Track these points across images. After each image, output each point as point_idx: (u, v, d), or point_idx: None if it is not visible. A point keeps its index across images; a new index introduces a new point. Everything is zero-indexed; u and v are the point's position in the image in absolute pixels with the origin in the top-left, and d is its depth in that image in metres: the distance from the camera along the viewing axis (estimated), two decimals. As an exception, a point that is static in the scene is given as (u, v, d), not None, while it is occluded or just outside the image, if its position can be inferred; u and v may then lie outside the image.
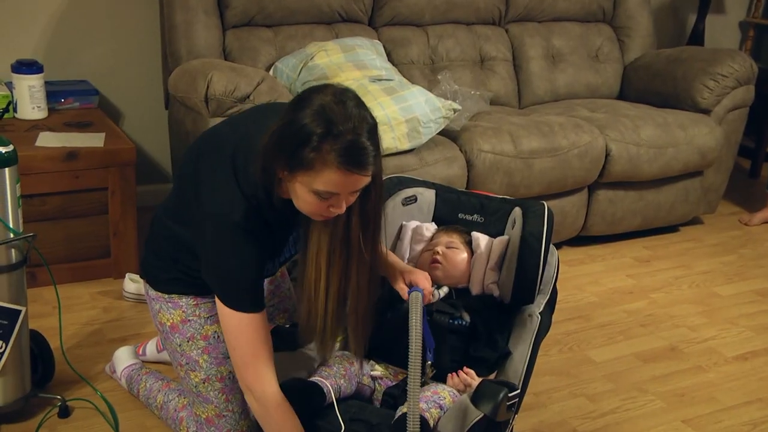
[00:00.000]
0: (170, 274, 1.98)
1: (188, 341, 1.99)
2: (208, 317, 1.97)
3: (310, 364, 1.91)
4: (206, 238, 1.74)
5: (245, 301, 1.75)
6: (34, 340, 2.33)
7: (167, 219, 1.94)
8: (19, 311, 2.13)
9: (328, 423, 1.74)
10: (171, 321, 2.01)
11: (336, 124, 1.55)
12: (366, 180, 1.63)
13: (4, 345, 2.12)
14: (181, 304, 1.99)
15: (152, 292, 2.04)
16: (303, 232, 1.78)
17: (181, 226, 1.87)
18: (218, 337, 1.96)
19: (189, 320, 1.98)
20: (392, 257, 2.01)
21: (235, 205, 1.70)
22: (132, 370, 2.41)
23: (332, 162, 1.56)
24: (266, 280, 2.19)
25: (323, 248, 1.74)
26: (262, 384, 1.76)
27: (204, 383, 2.00)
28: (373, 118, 1.63)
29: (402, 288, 1.91)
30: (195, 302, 1.97)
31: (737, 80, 3.83)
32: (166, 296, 2.00)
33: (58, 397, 2.33)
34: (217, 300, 1.78)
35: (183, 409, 2.16)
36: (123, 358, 2.47)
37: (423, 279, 1.92)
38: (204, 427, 2.04)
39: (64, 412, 2.32)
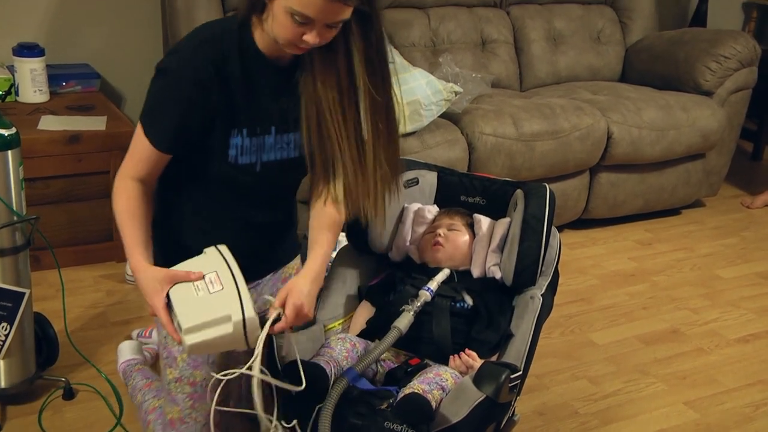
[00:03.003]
0: (161, 262, 1.92)
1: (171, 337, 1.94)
2: None
3: (313, 345, 1.91)
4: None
5: (151, 127, 1.70)
6: (38, 323, 2.34)
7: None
8: (23, 293, 2.14)
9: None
10: None
11: None
12: (345, 13, 1.54)
13: (8, 327, 2.13)
14: None
15: None
16: (306, 93, 1.69)
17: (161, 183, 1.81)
18: None
19: None
20: (316, 252, 1.78)
21: (192, 51, 1.66)
22: (127, 366, 2.39)
23: None
24: (276, 278, 2.04)
25: (331, 99, 1.66)
26: (119, 173, 1.74)
27: (176, 382, 1.91)
28: None
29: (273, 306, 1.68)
30: None
31: (740, 62, 3.82)
32: None
33: (63, 379, 2.34)
34: None
35: (153, 411, 2.09)
36: (124, 352, 2.45)
37: (291, 308, 1.65)
38: (168, 429, 1.95)
39: (69, 394, 2.33)
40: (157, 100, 1.69)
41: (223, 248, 1.69)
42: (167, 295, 1.61)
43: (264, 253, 1.95)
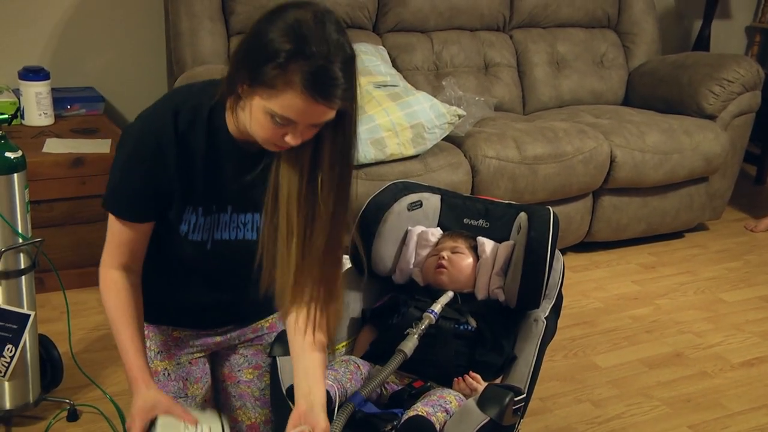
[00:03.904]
0: None
1: None
2: (158, 352, 1.86)
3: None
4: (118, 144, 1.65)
5: (116, 205, 1.65)
6: (42, 345, 2.34)
7: None
8: (28, 315, 2.14)
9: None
10: None
11: (309, 44, 1.38)
12: (329, 114, 1.45)
13: (13, 349, 2.13)
14: None
15: None
16: (271, 179, 1.58)
17: None
18: (169, 374, 1.85)
19: None
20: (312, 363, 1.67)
21: (158, 112, 1.60)
22: None
23: (296, 84, 1.38)
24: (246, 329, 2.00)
25: (293, 193, 1.54)
26: (102, 264, 1.70)
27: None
28: (352, 49, 1.45)
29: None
30: (146, 331, 1.85)
31: (743, 86, 3.84)
32: None
33: (67, 401, 2.34)
34: None
35: None
36: None
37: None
38: None
39: (73, 416, 2.33)
40: (117, 170, 1.63)
41: (224, 417, 1.72)
42: (155, 418, 1.60)
43: (232, 308, 1.89)
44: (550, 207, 2.09)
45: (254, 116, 1.48)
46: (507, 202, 2.25)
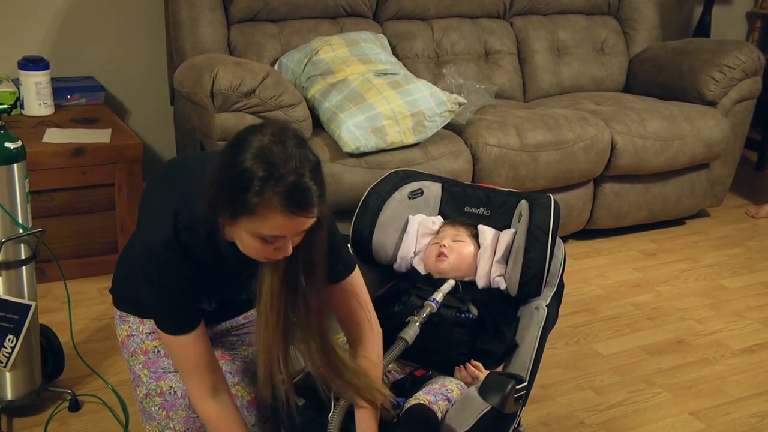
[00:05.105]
0: (120, 292, 1.95)
1: (132, 356, 1.94)
2: (150, 333, 1.91)
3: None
4: (135, 262, 1.71)
5: (166, 324, 1.72)
6: (44, 335, 2.34)
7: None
8: (29, 306, 2.14)
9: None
10: (121, 336, 1.97)
11: (277, 166, 1.45)
12: (311, 221, 1.53)
13: (14, 339, 2.13)
14: (128, 320, 1.95)
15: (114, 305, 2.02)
16: (257, 279, 1.70)
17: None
18: (159, 351, 1.91)
19: (133, 335, 1.93)
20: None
21: (160, 234, 1.64)
22: None
23: (276, 206, 1.46)
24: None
25: (276, 292, 1.66)
26: (195, 400, 1.76)
27: (146, 398, 1.93)
28: (315, 155, 1.53)
29: None
30: (140, 320, 1.93)
31: (744, 72, 3.83)
32: (119, 312, 1.97)
33: (69, 391, 2.34)
34: None
35: None
36: None
37: None
38: None
39: (75, 406, 2.33)
40: (147, 298, 1.72)
41: None
42: None
43: (227, 316, 2.02)
44: (551, 194, 2.10)
45: (244, 241, 1.56)
46: (508, 189, 2.25)
